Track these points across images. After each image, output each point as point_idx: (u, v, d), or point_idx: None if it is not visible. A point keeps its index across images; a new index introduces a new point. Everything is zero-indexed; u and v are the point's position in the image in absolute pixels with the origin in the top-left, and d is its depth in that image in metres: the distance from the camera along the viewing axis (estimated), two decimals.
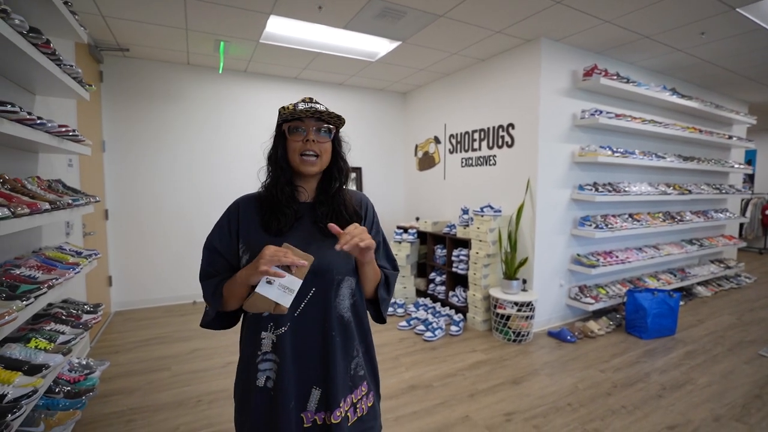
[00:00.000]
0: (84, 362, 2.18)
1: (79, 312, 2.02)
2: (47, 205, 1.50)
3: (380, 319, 1.16)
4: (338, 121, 1.04)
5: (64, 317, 1.91)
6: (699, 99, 4.58)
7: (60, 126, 1.69)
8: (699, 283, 4.99)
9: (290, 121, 1.01)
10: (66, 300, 2.16)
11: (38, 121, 1.48)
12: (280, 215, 1.00)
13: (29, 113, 1.40)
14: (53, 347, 1.65)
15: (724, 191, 5.19)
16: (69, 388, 1.90)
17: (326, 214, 1.05)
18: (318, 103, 1.02)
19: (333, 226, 0.93)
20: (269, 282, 0.87)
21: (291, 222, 1.01)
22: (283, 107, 1.03)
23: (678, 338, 3.48)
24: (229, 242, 1.03)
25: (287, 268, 0.87)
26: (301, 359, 0.98)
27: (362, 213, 1.13)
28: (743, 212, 7.56)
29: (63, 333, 1.77)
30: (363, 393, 1.06)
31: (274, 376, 0.97)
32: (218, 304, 0.99)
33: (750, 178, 8.49)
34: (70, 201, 1.77)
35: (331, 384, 0.98)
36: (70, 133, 1.80)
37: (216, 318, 1.03)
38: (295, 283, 0.88)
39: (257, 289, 0.87)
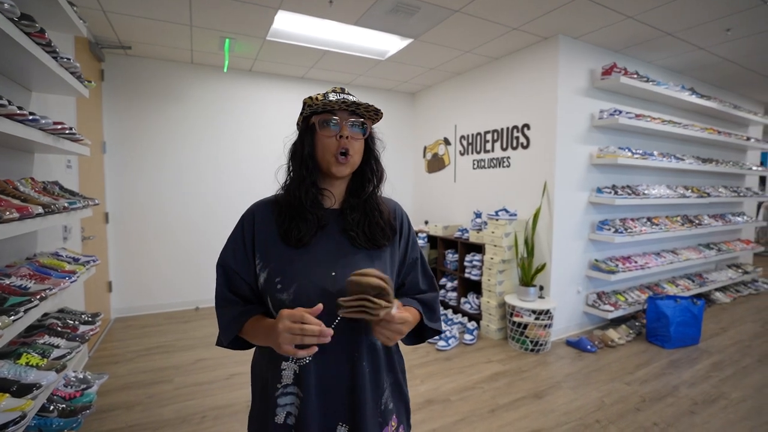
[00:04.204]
0: (81, 376, 2.05)
1: (76, 323, 1.88)
2: (40, 209, 1.37)
3: (418, 341, 1.02)
4: (375, 115, 0.91)
5: (59, 329, 1.77)
6: (717, 99, 4.44)
7: (55, 123, 1.56)
8: (717, 289, 4.83)
9: (321, 114, 0.87)
10: (62, 309, 2.02)
11: (30, 117, 1.35)
12: (302, 222, 0.86)
13: (20, 108, 1.27)
14: (46, 363, 1.51)
15: (741, 194, 5.04)
16: (64, 405, 1.76)
17: (358, 222, 0.91)
18: (350, 94, 0.89)
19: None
20: None
21: (314, 230, 0.87)
22: (309, 98, 0.89)
23: (702, 348, 3.33)
24: (245, 258, 0.90)
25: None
26: (326, 393, 0.84)
27: (397, 225, 0.99)
28: (758, 215, 7.38)
29: (58, 347, 1.64)
30: (393, 429, 0.93)
31: (296, 412, 0.83)
32: (232, 337, 0.87)
33: (762, 181, 8.30)
34: (66, 204, 1.64)
35: (361, 420, 0.85)
36: (67, 132, 1.67)
37: (234, 342, 0.90)
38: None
39: None
